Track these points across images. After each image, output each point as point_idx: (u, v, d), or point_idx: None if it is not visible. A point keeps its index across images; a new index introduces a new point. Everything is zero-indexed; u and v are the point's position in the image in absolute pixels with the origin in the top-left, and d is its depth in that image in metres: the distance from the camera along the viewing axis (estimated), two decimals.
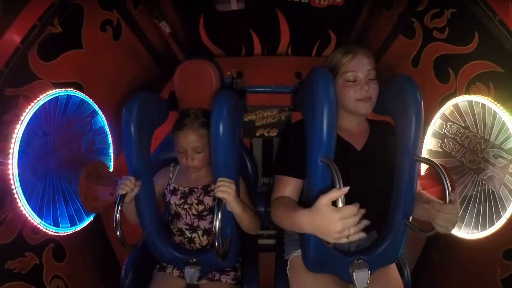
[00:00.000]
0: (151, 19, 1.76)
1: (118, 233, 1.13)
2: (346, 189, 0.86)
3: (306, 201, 1.10)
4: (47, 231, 1.22)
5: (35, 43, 1.17)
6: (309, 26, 1.91)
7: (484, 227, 1.25)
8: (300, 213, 0.96)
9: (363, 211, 0.87)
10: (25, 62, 1.17)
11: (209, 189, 1.34)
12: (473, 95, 1.30)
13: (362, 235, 0.86)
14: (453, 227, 1.03)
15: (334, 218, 0.84)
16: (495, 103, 1.19)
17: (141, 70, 1.83)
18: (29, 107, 1.14)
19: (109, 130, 1.56)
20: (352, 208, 0.84)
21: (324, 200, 0.87)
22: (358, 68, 1.13)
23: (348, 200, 0.87)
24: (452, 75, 1.44)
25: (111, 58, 1.60)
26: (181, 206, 1.36)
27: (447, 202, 1.00)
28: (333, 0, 1.72)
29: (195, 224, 1.37)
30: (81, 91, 1.40)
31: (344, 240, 0.86)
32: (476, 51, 1.32)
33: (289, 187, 1.16)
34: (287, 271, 1.32)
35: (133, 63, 1.77)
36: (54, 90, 1.24)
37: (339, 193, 0.86)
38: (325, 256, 1.15)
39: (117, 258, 1.81)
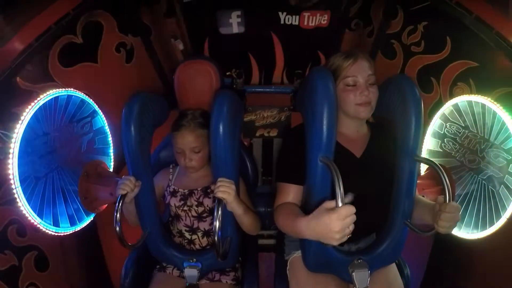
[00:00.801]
0: (164, 44, 1.94)
1: (118, 233, 1.13)
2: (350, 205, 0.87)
3: (306, 201, 1.10)
4: (33, 237, 1.21)
5: (56, 45, 1.25)
6: (300, 47, 2.08)
7: (484, 227, 1.25)
8: (301, 222, 0.97)
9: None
10: (46, 62, 1.24)
11: (209, 190, 1.34)
12: (458, 96, 1.34)
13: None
14: (455, 226, 1.03)
15: (332, 219, 0.85)
16: (495, 103, 1.19)
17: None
18: (29, 107, 1.14)
19: (109, 130, 1.56)
20: (349, 208, 0.85)
21: (325, 206, 0.88)
22: (359, 73, 1.13)
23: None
24: (435, 83, 1.51)
25: (121, 77, 1.70)
26: (181, 208, 1.36)
27: (448, 202, 1.00)
28: (319, 22, 1.92)
29: (195, 225, 1.37)
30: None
31: (343, 239, 0.87)
32: (451, 53, 1.41)
33: (291, 193, 1.17)
34: (287, 272, 1.32)
35: (142, 87, 1.85)
36: (54, 90, 1.24)
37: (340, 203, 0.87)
38: (325, 257, 1.15)
39: (107, 268, 1.78)
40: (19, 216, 1.15)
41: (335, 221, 0.85)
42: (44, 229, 1.21)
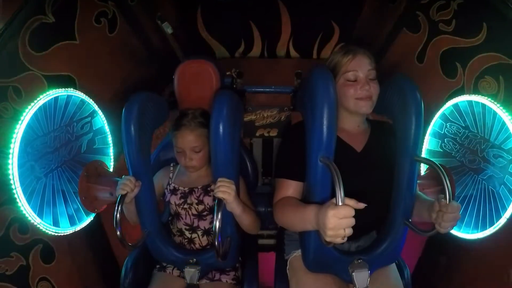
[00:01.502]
0: (148, 12, 1.71)
1: (118, 233, 1.13)
2: (362, 205, 0.87)
3: (307, 201, 1.10)
4: (35, 230, 1.19)
5: (24, 31, 1.12)
6: (312, 17, 1.85)
7: (484, 227, 1.25)
8: (312, 209, 0.97)
9: (362, 205, 0.87)
10: (15, 51, 1.12)
11: (209, 189, 1.34)
12: (482, 90, 1.25)
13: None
14: (455, 226, 1.03)
15: (329, 214, 0.85)
16: (495, 103, 1.19)
17: (137, 66, 1.79)
18: (29, 107, 1.14)
19: (109, 130, 1.56)
20: (348, 210, 0.85)
21: (333, 200, 0.88)
22: (359, 68, 1.13)
23: None
24: (460, 70, 1.39)
25: (105, 52, 1.55)
26: (181, 206, 1.36)
27: (448, 202, 1.00)
28: None
29: (195, 224, 1.37)
30: (74, 85, 1.36)
31: (339, 240, 0.87)
32: (485, 43, 1.27)
33: (290, 189, 1.17)
34: (287, 271, 1.32)
35: (129, 58, 1.72)
36: (54, 90, 1.24)
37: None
38: (325, 256, 1.15)
39: (116, 259, 1.78)
40: (18, 213, 1.13)
41: (331, 218, 0.85)
42: (44, 229, 1.21)
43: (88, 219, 1.44)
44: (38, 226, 1.19)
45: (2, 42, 1.05)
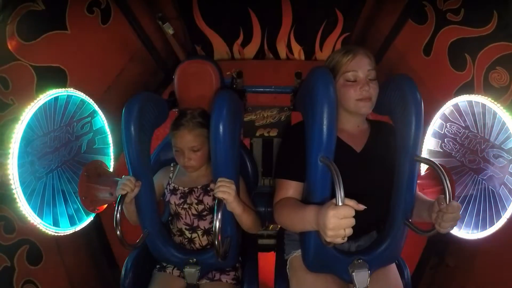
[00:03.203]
0: (144, 3, 1.66)
1: (118, 233, 1.13)
2: (362, 207, 0.87)
3: (307, 201, 1.10)
4: (22, 230, 1.14)
5: (12, 18, 1.06)
6: (315, 3, 1.78)
7: (484, 227, 1.25)
8: (311, 210, 0.97)
9: (362, 207, 0.87)
10: (2, 39, 1.07)
11: (208, 188, 1.34)
12: (493, 82, 1.21)
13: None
14: (455, 226, 1.03)
15: (329, 215, 0.85)
16: (495, 103, 1.19)
17: (132, 61, 1.74)
18: (29, 107, 1.14)
19: (109, 130, 1.56)
20: (348, 210, 0.85)
21: (333, 201, 0.88)
22: (359, 68, 1.13)
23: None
24: (469, 61, 1.34)
25: (98, 44, 1.49)
26: (181, 206, 1.36)
27: (448, 202, 1.00)
28: None
29: (195, 224, 1.37)
30: (64, 78, 1.31)
31: (339, 240, 0.87)
32: (495, 32, 1.23)
33: (290, 190, 1.17)
34: (287, 271, 1.32)
35: (124, 52, 1.66)
36: (54, 90, 1.24)
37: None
38: (325, 256, 1.15)
39: (116, 260, 1.76)
40: (4, 211, 1.09)
41: (331, 218, 0.85)
42: (44, 229, 1.21)
43: (88, 219, 1.44)
44: (38, 226, 1.19)
45: None
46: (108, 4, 1.45)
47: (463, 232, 1.33)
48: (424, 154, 1.53)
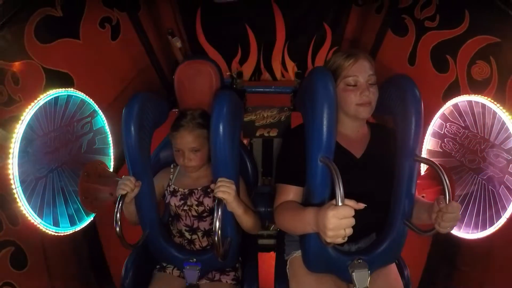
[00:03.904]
0: (151, 21, 1.73)
1: (118, 233, 1.13)
2: (362, 205, 0.88)
3: (307, 202, 1.10)
4: (9, 231, 1.12)
5: (33, 18, 1.11)
6: (304, 18, 1.87)
7: (484, 227, 1.25)
8: (310, 212, 0.98)
9: (362, 205, 0.88)
10: (21, 36, 1.11)
11: (209, 189, 1.34)
12: (476, 76, 1.26)
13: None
14: (455, 225, 1.03)
15: (329, 215, 0.85)
16: (495, 103, 1.19)
17: (138, 77, 1.79)
18: (30, 107, 1.14)
19: (109, 130, 1.56)
20: (348, 210, 0.85)
21: (332, 202, 0.88)
22: (359, 73, 1.13)
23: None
24: (451, 61, 1.39)
25: (106, 57, 1.54)
26: (181, 208, 1.36)
27: (448, 202, 1.00)
28: None
29: (195, 225, 1.37)
30: (71, 84, 1.36)
31: (339, 240, 0.87)
32: (470, 28, 1.29)
33: (290, 194, 1.17)
34: (287, 271, 1.32)
35: (130, 67, 1.72)
36: (54, 90, 1.24)
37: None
38: (325, 257, 1.15)
39: (108, 265, 1.72)
40: None
41: (332, 218, 0.85)
42: (44, 229, 1.21)
43: (88, 219, 1.44)
44: (38, 226, 1.19)
45: (10, 24, 1.04)
46: (118, 21, 1.54)
47: (463, 232, 1.33)
48: (424, 154, 1.53)
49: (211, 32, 1.94)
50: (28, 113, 1.13)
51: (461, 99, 1.33)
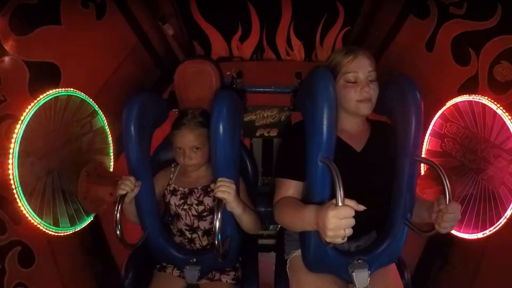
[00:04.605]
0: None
1: (118, 233, 1.13)
2: (362, 207, 0.87)
3: (306, 201, 1.10)
4: (14, 231, 1.11)
5: (5, 10, 1.03)
6: None
7: (484, 227, 1.25)
8: (310, 210, 0.97)
9: (362, 207, 0.87)
10: None
11: (209, 189, 1.34)
12: (497, 76, 1.19)
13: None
14: (455, 225, 1.03)
15: (329, 215, 0.85)
16: (495, 103, 1.19)
17: (129, 58, 1.71)
18: (30, 107, 1.14)
19: (109, 130, 1.56)
20: (348, 210, 0.85)
21: (333, 201, 0.88)
22: (359, 69, 1.13)
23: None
24: (473, 56, 1.31)
25: (93, 39, 1.45)
26: (181, 207, 1.36)
27: (448, 202, 1.00)
28: None
29: (195, 225, 1.37)
30: (58, 74, 1.29)
31: (339, 241, 0.87)
32: (500, 24, 1.20)
33: (290, 189, 1.17)
34: (287, 271, 1.32)
35: (120, 48, 1.63)
36: (54, 90, 1.24)
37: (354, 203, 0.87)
38: (325, 256, 1.15)
39: (115, 261, 1.73)
40: None
41: (331, 218, 0.85)
42: (44, 229, 1.21)
43: (88, 219, 1.44)
44: (38, 226, 1.19)
45: None
46: None
47: (463, 232, 1.33)
48: (424, 154, 1.53)
49: (208, 10, 1.78)
50: (28, 113, 1.13)
51: (461, 99, 1.33)
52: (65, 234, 1.30)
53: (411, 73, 1.43)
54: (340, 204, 0.85)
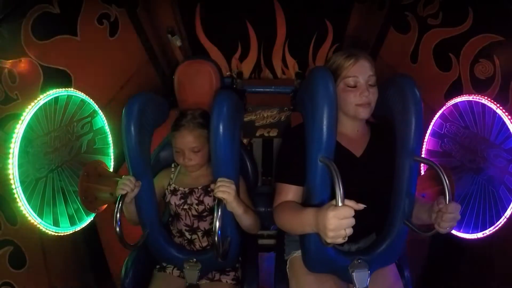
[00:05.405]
0: (150, 18, 1.72)
1: (118, 233, 1.13)
2: (362, 206, 0.87)
3: (306, 202, 1.10)
4: (8, 231, 1.11)
5: (30, 15, 1.10)
6: (306, 15, 1.85)
7: (484, 227, 1.25)
8: (309, 212, 0.98)
9: (362, 206, 0.88)
10: (18, 33, 1.10)
11: (209, 189, 1.34)
12: (479, 75, 1.24)
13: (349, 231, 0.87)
14: (455, 225, 1.03)
15: (329, 216, 0.85)
16: (495, 103, 1.19)
17: (137, 72, 1.79)
18: (30, 107, 1.14)
19: (108, 128, 1.56)
20: (348, 210, 0.85)
21: (332, 202, 0.88)
22: (360, 74, 1.13)
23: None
24: (454, 60, 1.39)
25: (105, 54, 1.54)
26: (181, 207, 1.36)
27: (447, 202, 1.00)
28: None
29: (195, 225, 1.37)
30: (69, 82, 1.35)
31: (340, 241, 0.87)
32: (473, 26, 1.28)
33: (290, 194, 1.17)
34: (287, 271, 1.32)
35: (129, 64, 1.71)
36: (54, 90, 1.24)
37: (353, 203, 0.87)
38: (325, 256, 1.15)
39: (108, 265, 1.72)
40: None
41: (332, 219, 0.85)
42: (44, 229, 1.21)
43: (88, 219, 1.44)
44: (38, 226, 1.19)
45: (7, 21, 1.03)
46: (117, 18, 1.53)
47: (463, 232, 1.33)
48: (424, 154, 1.53)
49: (210, 28, 1.91)
50: (28, 113, 1.13)
51: (461, 99, 1.33)
52: (64, 234, 1.30)
53: None
54: (340, 204, 0.85)
